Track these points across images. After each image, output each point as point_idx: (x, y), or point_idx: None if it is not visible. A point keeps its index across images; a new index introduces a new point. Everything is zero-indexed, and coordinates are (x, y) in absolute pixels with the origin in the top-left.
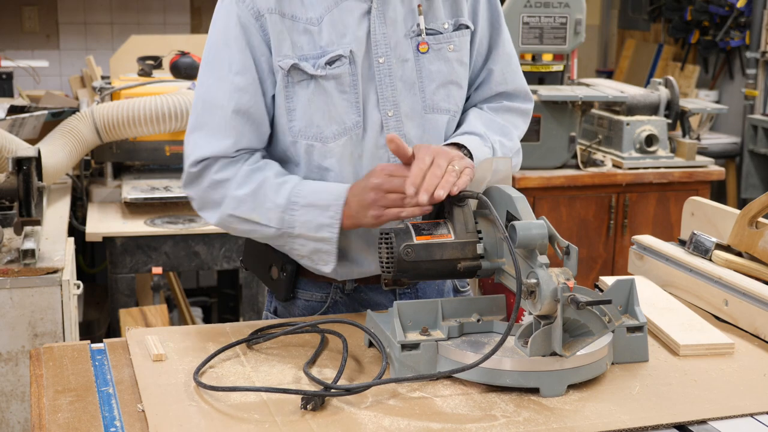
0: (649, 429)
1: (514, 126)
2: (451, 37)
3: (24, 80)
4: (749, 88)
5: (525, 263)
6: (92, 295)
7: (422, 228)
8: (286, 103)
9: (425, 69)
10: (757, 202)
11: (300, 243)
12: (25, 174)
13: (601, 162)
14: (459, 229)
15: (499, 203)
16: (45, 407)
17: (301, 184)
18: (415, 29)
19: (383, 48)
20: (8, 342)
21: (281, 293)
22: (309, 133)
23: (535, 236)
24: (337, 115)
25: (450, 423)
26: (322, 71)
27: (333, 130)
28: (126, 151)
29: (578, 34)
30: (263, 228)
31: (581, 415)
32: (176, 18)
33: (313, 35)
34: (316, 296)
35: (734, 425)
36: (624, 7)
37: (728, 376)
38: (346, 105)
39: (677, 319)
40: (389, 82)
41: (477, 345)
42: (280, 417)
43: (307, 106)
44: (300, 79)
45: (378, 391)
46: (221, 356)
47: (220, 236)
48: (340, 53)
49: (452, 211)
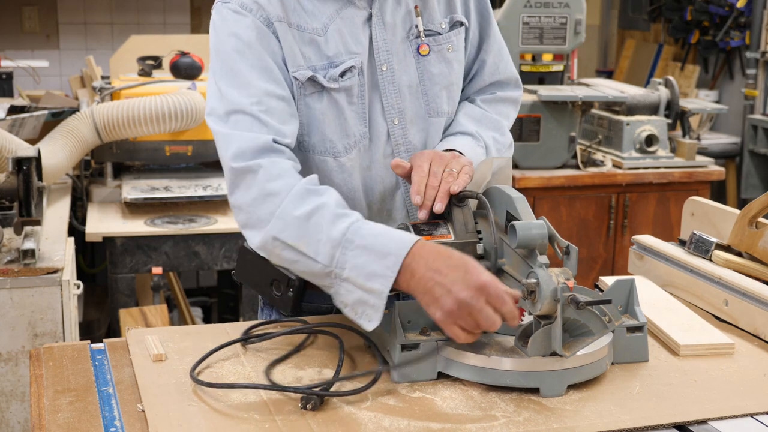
0: (650, 429)
1: (506, 117)
2: (450, 37)
3: (24, 80)
4: (749, 88)
5: (525, 263)
6: (92, 295)
7: (422, 228)
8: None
9: (427, 72)
10: (757, 202)
11: (346, 288)
12: (25, 174)
13: (601, 162)
14: (459, 230)
15: (499, 203)
16: (45, 407)
17: (361, 222)
18: (413, 31)
19: (385, 54)
20: (8, 342)
21: (288, 308)
22: (322, 148)
23: (535, 236)
24: (348, 128)
25: (450, 423)
26: (335, 84)
27: (344, 143)
28: (126, 151)
29: (578, 34)
30: (309, 261)
31: (581, 415)
32: (176, 18)
33: (320, 45)
34: (321, 308)
35: (734, 425)
36: (624, 7)
37: (728, 377)
38: (354, 117)
39: (677, 319)
40: (393, 90)
41: (477, 345)
42: (280, 417)
43: (321, 119)
44: (312, 92)
45: (378, 391)
46: (220, 356)
47: (220, 236)
48: (351, 65)
49: (452, 212)
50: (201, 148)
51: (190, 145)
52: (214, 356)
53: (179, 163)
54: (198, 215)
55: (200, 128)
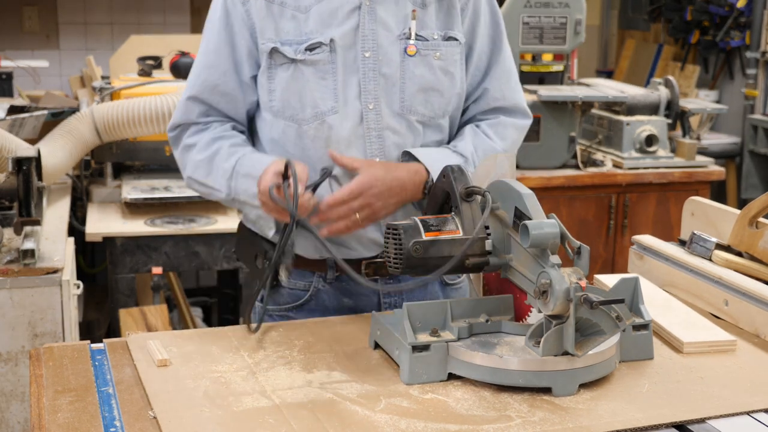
0: (664, 426)
1: (503, 139)
2: (439, 45)
3: (24, 80)
4: (749, 88)
5: (535, 261)
6: (92, 295)
7: (430, 224)
8: (267, 84)
9: (408, 71)
10: (757, 202)
11: (247, 209)
12: (25, 174)
13: (601, 162)
14: (467, 225)
15: (507, 199)
16: (45, 407)
17: (248, 156)
18: (406, 32)
19: (370, 43)
20: (8, 342)
21: (264, 281)
22: (286, 113)
23: (547, 236)
24: (312, 99)
25: (467, 425)
26: (302, 56)
27: (308, 113)
28: (126, 151)
29: (578, 34)
30: (216, 192)
31: (595, 414)
32: (176, 18)
33: (300, 22)
34: (300, 284)
35: (744, 422)
36: (624, 7)
37: (734, 373)
38: (322, 90)
39: (677, 317)
40: (372, 77)
41: (487, 346)
42: (295, 422)
43: (286, 88)
44: (281, 62)
45: (390, 394)
46: (228, 361)
47: (220, 236)
48: (320, 41)
49: (460, 207)
50: None
51: None
52: (221, 365)
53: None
54: (198, 215)
55: None
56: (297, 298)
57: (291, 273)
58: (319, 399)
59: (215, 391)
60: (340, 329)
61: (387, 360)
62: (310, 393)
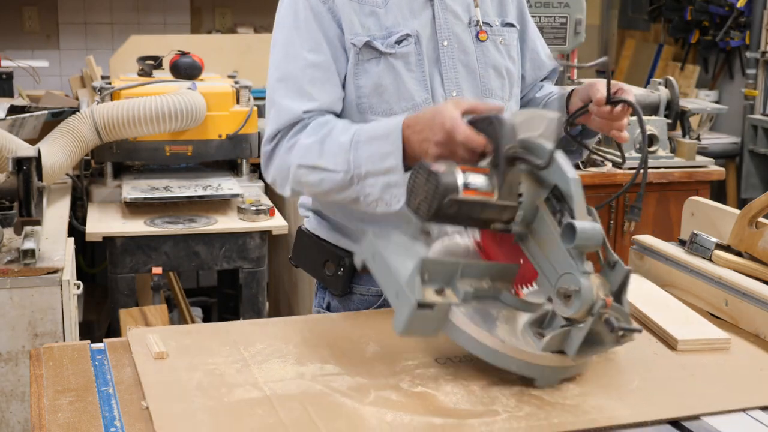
0: (649, 424)
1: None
2: (502, 31)
3: (24, 80)
4: (749, 88)
5: (566, 260)
6: (92, 295)
7: (469, 180)
8: (355, 81)
9: (483, 56)
10: (757, 202)
11: (370, 183)
12: (25, 174)
13: (601, 162)
14: (504, 190)
15: (551, 174)
16: (45, 407)
17: (362, 126)
18: (474, 20)
19: (446, 32)
20: (8, 342)
21: (338, 288)
22: (379, 109)
23: (591, 244)
24: (407, 92)
25: (452, 418)
26: (392, 49)
27: (402, 106)
28: (126, 151)
29: (578, 34)
30: (331, 174)
31: (582, 410)
32: (176, 18)
33: (379, 17)
34: (372, 290)
35: (737, 419)
36: (624, 7)
37: (727, 371)
38: (414, 83)
39: (673, 315)
40: (452, 65)
41: (489, 320)
42: (284, 413)
43: (378, 83)
44: (370, 57)
45: (380, 387)
46: (222, 353)
47: (220, 236)
48: (407, 32)
49: (504, 168)
50: (201, 147)
51: (190, 145)
52: (217, 358)
53: (179, 163)
54: (198, 215)
55: (200, 128)
56: (369, 305)
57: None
58: (309, 391)
59: (209, 382)
60: (338, 325)
61: (381, 354)
62: (302, 385)
